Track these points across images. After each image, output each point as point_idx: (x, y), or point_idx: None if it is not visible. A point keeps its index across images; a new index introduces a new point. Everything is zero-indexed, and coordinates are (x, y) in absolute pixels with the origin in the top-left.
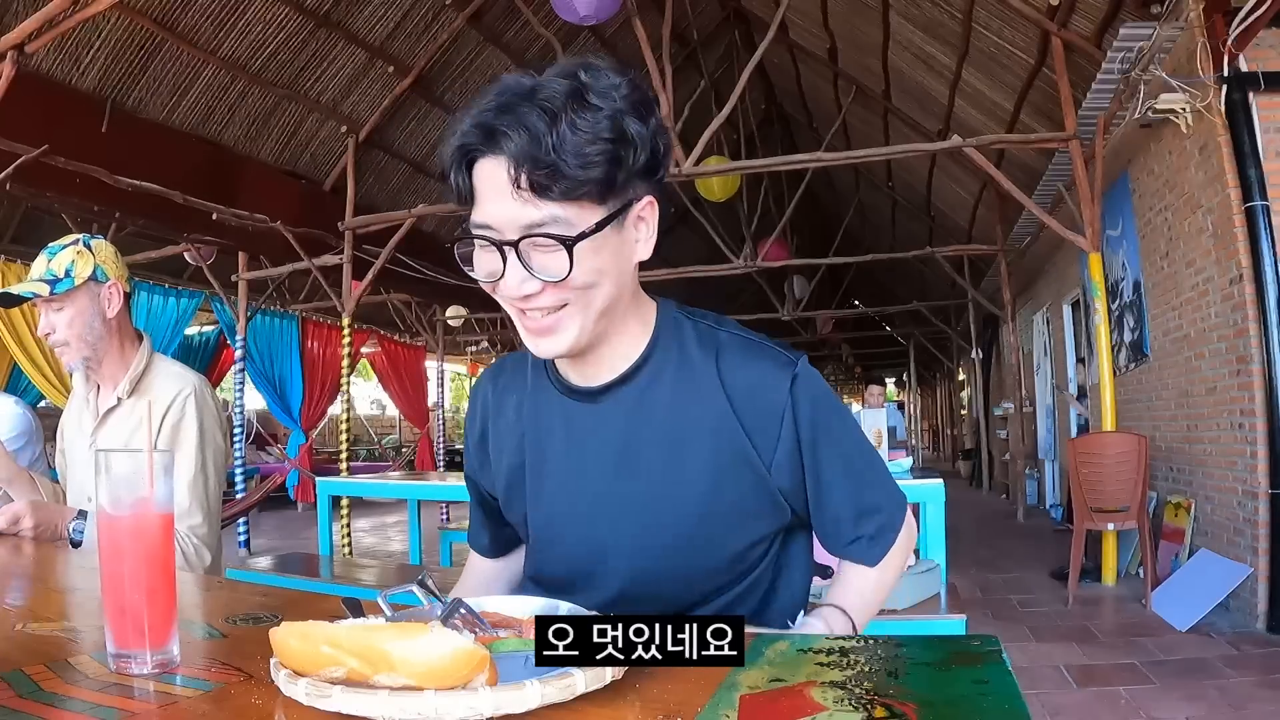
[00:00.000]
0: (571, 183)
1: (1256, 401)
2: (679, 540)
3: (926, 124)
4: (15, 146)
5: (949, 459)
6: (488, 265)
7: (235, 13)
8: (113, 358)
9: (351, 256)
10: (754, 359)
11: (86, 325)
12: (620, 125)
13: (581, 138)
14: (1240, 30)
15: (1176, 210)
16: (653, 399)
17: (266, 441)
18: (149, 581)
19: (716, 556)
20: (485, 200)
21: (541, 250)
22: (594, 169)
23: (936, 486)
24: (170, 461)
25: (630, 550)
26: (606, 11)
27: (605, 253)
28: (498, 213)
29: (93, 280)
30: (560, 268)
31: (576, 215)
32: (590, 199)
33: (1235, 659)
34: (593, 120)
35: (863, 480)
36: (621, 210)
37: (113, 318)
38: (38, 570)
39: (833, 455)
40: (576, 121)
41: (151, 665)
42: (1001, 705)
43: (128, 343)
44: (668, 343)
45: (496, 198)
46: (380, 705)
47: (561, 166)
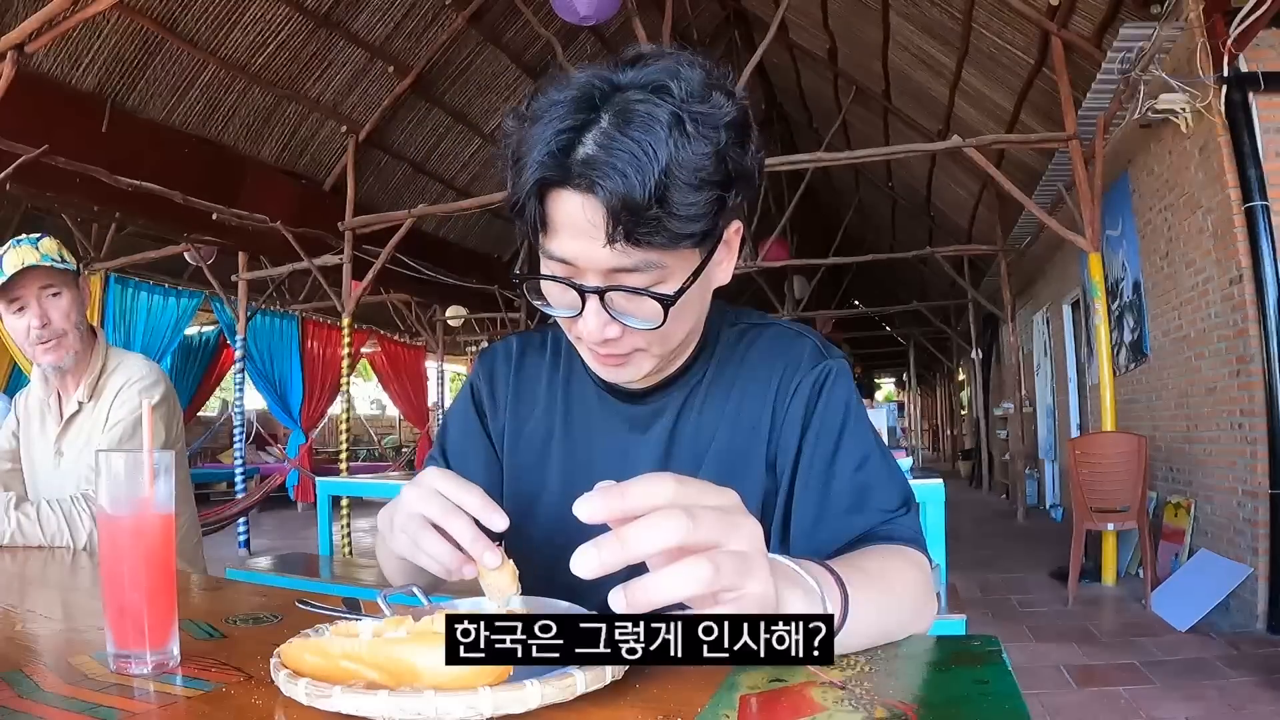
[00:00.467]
0: (674, 236)
1: (1256, 401)
2: None
3: (926, 124)
4: (15, 146)
5: (949, 459)
6: (563, 300)
7: (235, 13)
8: (80, 358)
9: (351, 256)
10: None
11: (81, 316)
12: (727, 165)
13: (686, 183)
14: (1240, 30)
15: (1176, 210)
16: (690, 406)
17: (266, 441)
18: (149, 581)
19: None
20: (565, 237)
21: (628, 297)
22: (700, 221)
23: (936, 486)
24: (171, 462)
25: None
26: (606, 11)
27: (694, 293)
28: (581, 253)
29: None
30: (651, 318)
31: (673, 261)
32: (689, 246)
33: (1235, 659)
34: (699, 159)
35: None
36: (714, 251)
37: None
38: (38, 570)
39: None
40: (681, 160)
41: (151, 665)
42: (1001, 705)
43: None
44: (713, 346)
45: (580, 238)
46: (380, 705)
47: (665, 220)
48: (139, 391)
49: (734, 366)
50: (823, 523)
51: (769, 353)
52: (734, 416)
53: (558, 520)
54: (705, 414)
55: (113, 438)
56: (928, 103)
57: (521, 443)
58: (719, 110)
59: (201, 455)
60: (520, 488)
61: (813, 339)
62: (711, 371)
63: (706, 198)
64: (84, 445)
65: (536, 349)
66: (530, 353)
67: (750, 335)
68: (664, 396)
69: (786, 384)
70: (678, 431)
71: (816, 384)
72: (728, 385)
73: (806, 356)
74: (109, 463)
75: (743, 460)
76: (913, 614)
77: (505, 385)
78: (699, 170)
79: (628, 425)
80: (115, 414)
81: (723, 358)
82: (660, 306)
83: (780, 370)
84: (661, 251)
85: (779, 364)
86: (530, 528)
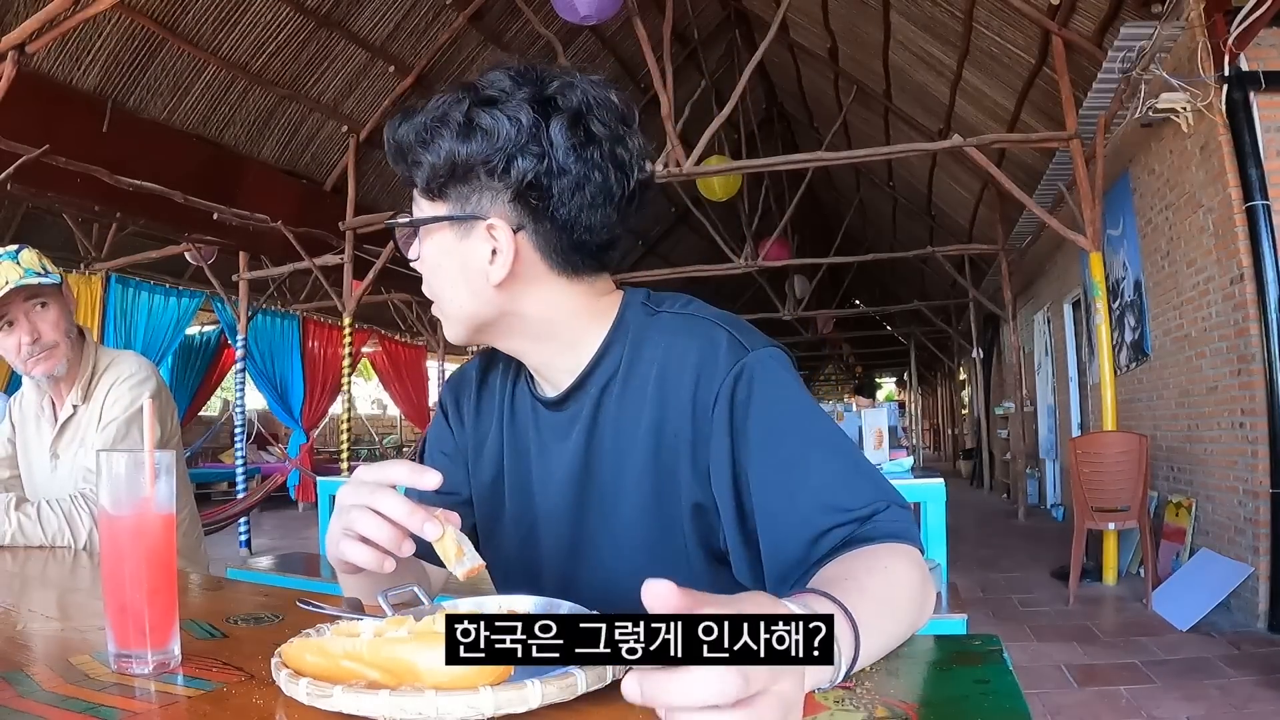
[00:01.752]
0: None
1: (1257, 401)
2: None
3: (927, 123)
4: (15, 146)
5: (949, 459)
6: None
7: (235, 13)
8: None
9: (352, 256)
10: (704, 342)
11: (70, 324)
12: (471, 114)
13: (430, 118)
14: (1241, 30)
15: (1177, 210)
16: (605, 407)
17: (267, 441)
18: (150, 581)
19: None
20: None
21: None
22: (427, 150)
23: (937, 486)
24: (171, 462)
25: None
26: (607, 11)
27: (450, 258)
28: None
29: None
30: (413, 251)
31: (428, 208)
32: (432, 196)
33: (1236, 659)
34: (453, 105)
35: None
36: (464, 218)
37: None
38: (38, 570)
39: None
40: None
41: (153, 665)
42: (1002, 705)
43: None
44: (622, 340)
45: None
46: (381, 705)
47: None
48: (130, 388)
49: (650, 358)
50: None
51: (685, 348)
52: (656, 418)
53: (515, 538)
54: (623, 414)
55: (107, 437)
56: (928, 102)
57: (482, 462)
58: (500, 78)
59: (202, 455)
60: (485, 508)
61: (727, 330)
62: (625, 365)
63: (438, 131)
64: (79, 448)
65: (497, 365)
66: (491, 370)
67: (667, 324)
68: (579, 399)
69: (706, 388)
70: (595, 436)
71: (738, 386)
72: (645, 382)
73: (723, 355)
74: (110, 462)
75: (668, 469)
76: (916, 616)
77: (469, 404)
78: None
79: (552, 433)
80: (108, 413)
81: (637, 350)
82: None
83: (695, 371)
84: (420, 197)
85: (693, 361)
86: (496, 544)
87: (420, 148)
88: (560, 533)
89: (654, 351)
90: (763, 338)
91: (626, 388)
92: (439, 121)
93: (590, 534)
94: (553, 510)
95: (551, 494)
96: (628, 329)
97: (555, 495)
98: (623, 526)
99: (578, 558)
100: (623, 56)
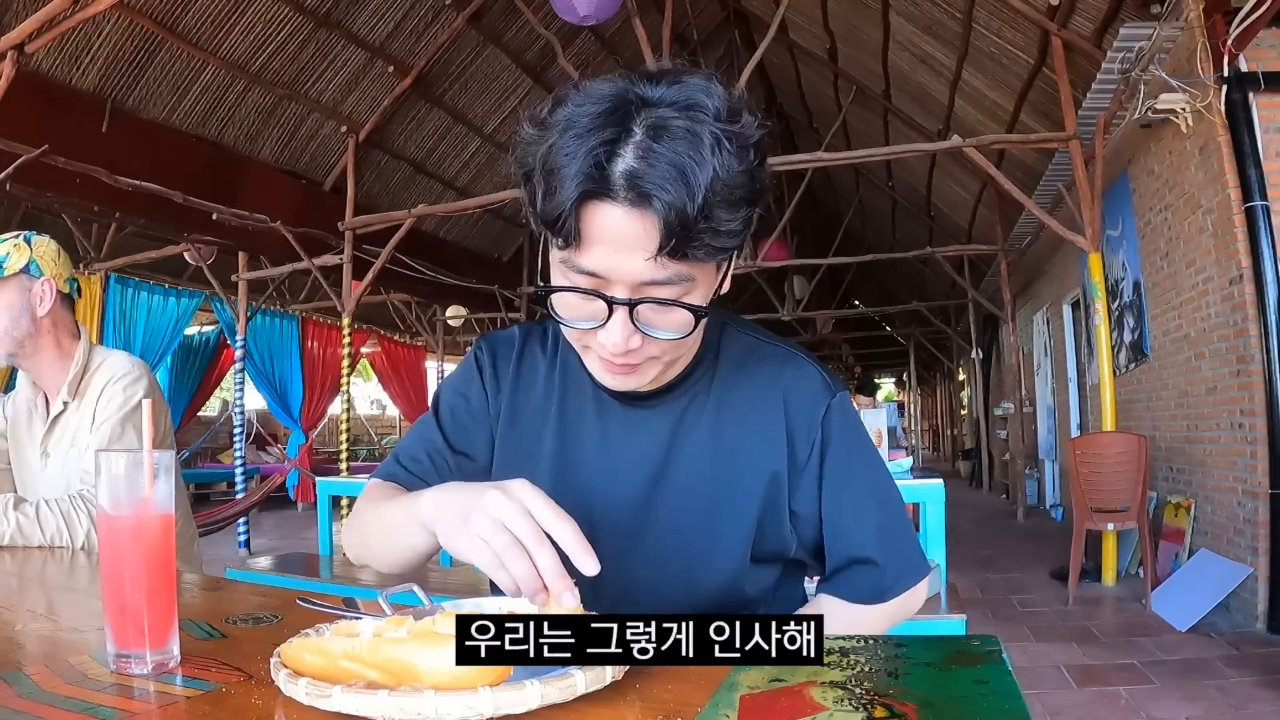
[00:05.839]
0: (713, 250)
1: (1257, 401)
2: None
3: (926, 124)
4: (15, 146)
5: (949, 459)
6: (583, 311)
7: (235, 13)
8: (49, 360)
9: (351, 256)
10: (804, 376)
11: (13, 320)
12: (755, 183)
13: (729, 197)
14: (1240, 30)
15: (1176, 210)
16: (699, 412)
17: (266, 441)
18: (149, 582)
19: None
20: (600, 248)
21: (656, 309)
22: (737, 237)
23: (936, 486)
24: (170, 462)
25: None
26: (606, 12)
27: (705, 292)
28: (616, 266)
29: (24, 273)
30: (678, 329)
31: (700, 274)
32: (722, 260)
33: (1235, 659)
34: (736, 176)
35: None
36: (730, 263)
37: (44, 316)
38: (38, 570)
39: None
40: (724, 178)
41: (152, 665)
42: (1002, 705)
43: (66, 343)
44: (714, 354)
45: (621, 251)
46: (380, 705)
47: (710, 236)
48: (124, 388)
49: (740, 380)
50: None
51: (778, 376)
52: (737, 433)
53: None
54: (706, 423)
55: (102, 436)
56: (928, 103)
57: (516, 429)
58: (749, 130)
59: (201, 455)
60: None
61: (821, 370)
62: (715, 381)
63: (744, 215)
64: (69, 446)
65: (537, 340)
66: (531, 343)
67: (760, 352)
68: (664, 401)
69: (798, 416)
70: (678, 437)
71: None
72: (731, 398)
73: (819, 389)
74: (109, 463)
75: (741, 475)
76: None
77: (508, 367)
78: (737, 188)
79: (622, 426)
80: (101, 412)
81: (727, 369)
82: (690, 317)
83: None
84: (695, 265)
85: (790, 392)
86: None
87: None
88: (620, 522)
89: (747, 371)
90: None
91: (715, 402)
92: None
93: (652, 528)
94: (617, 501)
95: (619, 484)
96: (718, 343)
97: (623, 486)
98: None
99: (632, 550)
100: (622, 57)
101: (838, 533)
